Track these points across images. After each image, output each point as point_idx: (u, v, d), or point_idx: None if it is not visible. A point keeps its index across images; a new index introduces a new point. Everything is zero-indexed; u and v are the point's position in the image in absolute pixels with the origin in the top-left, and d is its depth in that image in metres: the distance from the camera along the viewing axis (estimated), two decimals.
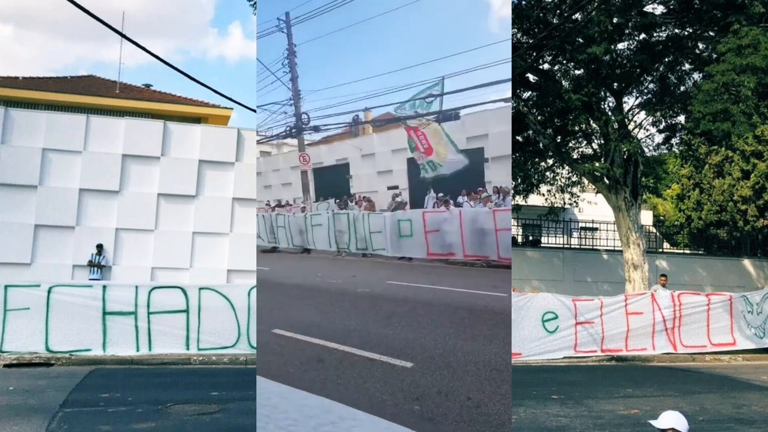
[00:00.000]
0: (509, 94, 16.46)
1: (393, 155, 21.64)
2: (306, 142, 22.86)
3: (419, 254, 15.47)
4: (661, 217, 31.64)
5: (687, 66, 16.20)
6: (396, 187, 20.69)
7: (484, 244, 13.90)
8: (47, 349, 10.35)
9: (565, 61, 16.05)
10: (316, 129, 22.16)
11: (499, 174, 17.32)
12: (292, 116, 22.19)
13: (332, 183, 23.71)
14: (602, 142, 16.51)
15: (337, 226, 17.89)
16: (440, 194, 15.70)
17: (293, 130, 22.35)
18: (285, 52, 22.01)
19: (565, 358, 12.39)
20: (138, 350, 10.68)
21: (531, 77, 16.69)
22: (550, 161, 18.85)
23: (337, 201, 19.84)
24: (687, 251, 23.65)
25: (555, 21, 15.08)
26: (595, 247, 20.76)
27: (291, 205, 23.13)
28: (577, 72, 16.05)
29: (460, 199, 15.19)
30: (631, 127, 16.72)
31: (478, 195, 15.00)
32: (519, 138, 17.28)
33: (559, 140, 17.53)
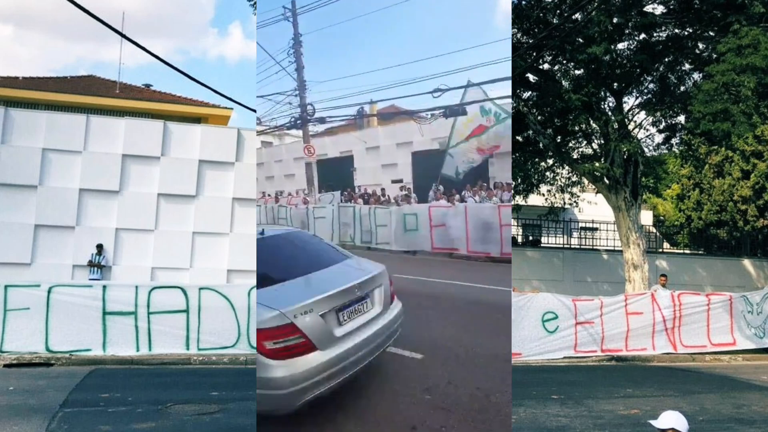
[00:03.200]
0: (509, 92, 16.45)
1: (398, 149, 21.51)
2: (309, 133, 22.74)
3: (424, 248, 15.51)
4: (661, 217, 31.63)
5: (687, 66, 16.19)
6: (401, 181, 20.62)
7: (487, 240, 13.96)
8: (47, 349, 10.34)
9: (565, 61, 16.04)
10: (322, 120, 22.05)
11: (501, 171, 17.39)
12: (297, 107, 22.08)
13: (336, 175, 23.60)
14: (602, 142, 16.51)
15: (342, 218, 17.84)
16: (441, 187, 15.72)
17: (298, 121, 22.25)
18: (291, 42, 21.88)
19: (565, 358, 12.38)
20: (138, 350, 10.68)
21: (531, 77, 16.69)
22: (550, 161, 18.83)
23: (344, 193, 19.71)
24: (687, 251, 23.65)
25: (555, 21, 15.08)
26: (595, 247, 20.76)
27: (293, 196, 23.01)
28: (577, 72, 16.04)
29: (464, 193, 15.24)
30: (631, 127, 16.72)
31: (481, 189, 15.04)
32: (519, 138, 17.28)
33: (559, 140, 17.52)
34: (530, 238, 22.27)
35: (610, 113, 16.25)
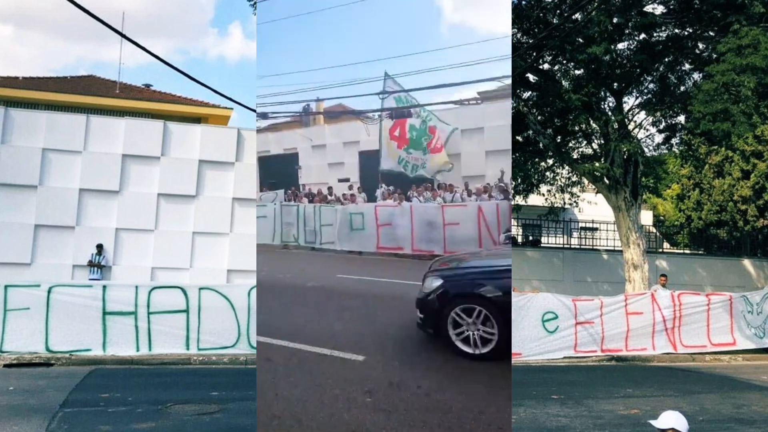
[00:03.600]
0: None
1: (345, 148, 21.49)
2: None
3: (369, 248, 15.43)
4: (661, 217, 31.63)
5: (687, 66, 16.19)
6: (347, 180, 20.54)
7: (431, 239, 14.05)
8: (47, 349, 10.34)
9: (565, 61, 16.04)
10: (264, 116, 21.92)
11: (498, 169, 17.42)
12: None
13: (280, 173, 23.31)
14: (602, 142, 16.51)
15: (285, 218, 17.66)
16: (390, 188, 15.73)
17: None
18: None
19: (565, 358, 12.38)
20: (138, 350, 10.68)
21: (531, 77, 16.69)
22: (550, 161, 18.83)
23: (288, 192, 19.44)
24: (687, 251, 23.64)
25: (555, 21, 15.08)
26: (595, 247, 20.75)
27: None
28: (577, 72, 16.04)
29: (410, 193, 15.33)
30: (631, 127, 16.72)
31: (426, 189, 15.18)
32: (519, 138, 17.28)
33: (559, 140, 17.53)
34: (530, 238, 22.26)
35: (610, 113, 16.25)
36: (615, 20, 14.03)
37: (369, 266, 12.83)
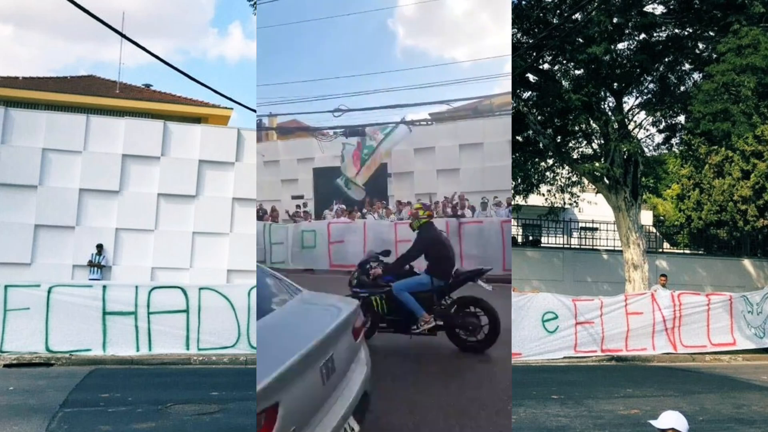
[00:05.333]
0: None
1: (299, 164, 21.25)
2: None
3: (322, 266, 15.27)
4: (661, 217, 31.63)
5: (687, 66, 16.19)
6: (301, 197, 20.33)
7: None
8: (47, 349, 10.34)
9: (565, 61, 16.04)
10: None
11: (400, 189, 17.76)
12: None
13: None
14: (602, 142, 16.51)
15: None
16: (343, 206, 15.63)
17: None
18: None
19: (565, 358, 12.38)
20: (138, 350, 10.68)
21: (531, 77, 16.69)
22: (550, 161, 18.83)
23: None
24: (687, 251, 23.64)
25: (555, 21, 15.08)
26: (595, 247, 20.75)
27: None
28: (577, 72, 16.04)
29: (364, 211, 15.31)
30: (631, 127, 16.72)
31: (380, 207, 15.20)
32: (519, 138, 17.29)
33: (559, 140, 17.53)
34: (530, 238, 22.27)
35: (610, 113, 16.25)
36: (615, 20, 14.03)
37: (321, 284, 12.46)
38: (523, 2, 15.39)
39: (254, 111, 22.40)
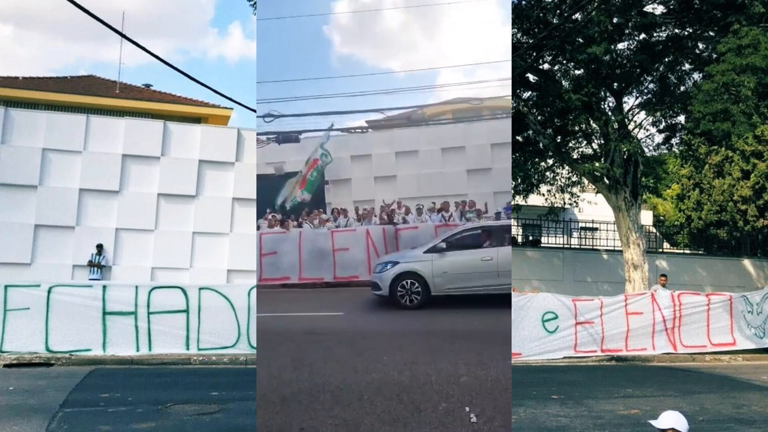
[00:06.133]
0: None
1: None
2: None
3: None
4: (661, 217, 31.63)
5: (687, 66, 16.19)
6: None
7: (321, 266, 13.93)
8: (47, 349, 10.35)
9: (565, 61, 16.04)
10: None
11: (337, 197, 17.86)
12: None
13: None
14: (602, 142, 16.51)
15: None
16: (276, 215, 15.46)
17: None
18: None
19: (565, 358, 12.38)
20: (138, 350, 10.68)
21: (531, 77, 16.69)
22: (550, 161, 18.84)
23: None
24: (687, 251, 23.64)
25: (555, 21, 15.08)
26: (595, 247, 20.75)
27: None
28: (577, 72, 16.04)
29: (300, 220, 15.23)
30: (631, 127, 16.72)
31: (316, 216, 15.15)
32: (519, 138, 17.30)
33: (559, 140, 17.53)
34: (530, 238, 22.27)
35: (610, 113, 16.25)
36: (615, 20, 14.03)
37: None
38: (523, 2, 15.40)
39: (254, 111, 22.40)
